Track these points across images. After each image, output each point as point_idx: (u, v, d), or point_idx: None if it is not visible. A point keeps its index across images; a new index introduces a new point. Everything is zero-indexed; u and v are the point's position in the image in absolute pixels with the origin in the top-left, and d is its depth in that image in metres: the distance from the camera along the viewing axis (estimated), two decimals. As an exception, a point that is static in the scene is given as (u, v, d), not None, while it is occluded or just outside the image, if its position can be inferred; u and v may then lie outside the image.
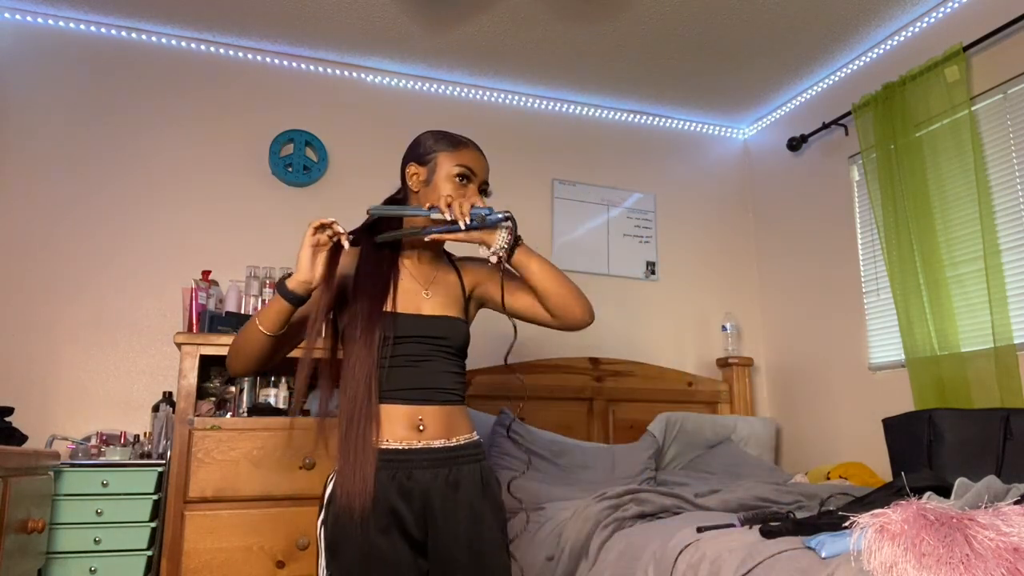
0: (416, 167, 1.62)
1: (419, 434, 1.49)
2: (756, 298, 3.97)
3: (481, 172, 1.62)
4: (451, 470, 1.50)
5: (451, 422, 1.54)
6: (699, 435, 3.30)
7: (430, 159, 1.60)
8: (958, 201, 2.78)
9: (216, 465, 2.42)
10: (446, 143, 1.61)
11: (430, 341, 1.54)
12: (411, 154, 1.65)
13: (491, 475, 1.59)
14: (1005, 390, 2.51)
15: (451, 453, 1.51)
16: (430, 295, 1.59)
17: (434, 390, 1.53)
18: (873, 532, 1.26)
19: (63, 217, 2.96)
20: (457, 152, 1.60)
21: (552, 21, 3.12)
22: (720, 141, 4.11)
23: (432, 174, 1.59)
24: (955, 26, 2.91)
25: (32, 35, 3.04)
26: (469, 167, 1.59)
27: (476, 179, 1.61)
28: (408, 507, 1.45)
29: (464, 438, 1.56)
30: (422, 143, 1.64)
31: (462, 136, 1.65)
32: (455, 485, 1.50)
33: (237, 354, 1.53)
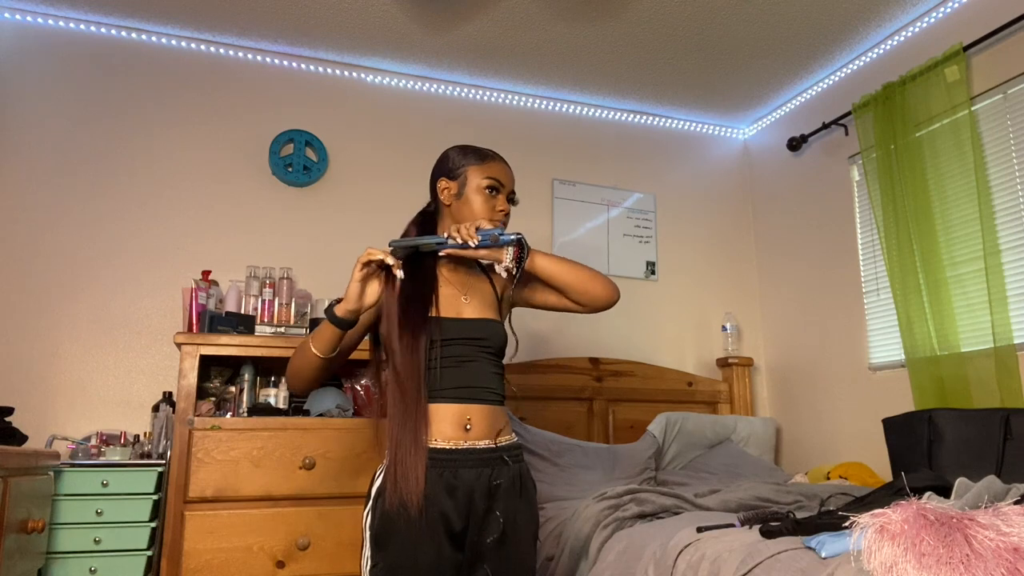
0: (447, 182, 1.70)
1: (466, 434, 1.55)
2: (756, 298, 3.97)
3: (508, 182, 1.72)
4: (493, 470, 1.56)
5: (495, 422, 1.60)
6: (699, 435, 3.30)
7: (459, 173, 1.69)
8: (958, 201, 2.78)
9: (216, 465, 2.42)
10: (474, 157, 1.70)
11: (473, 343, 1.61)
12: (440, 169, 1.73)
13: (529, 478, 1.65)
14: (1005, 390, 2.51)
15: (494, 454, 1.57)
16: (468, 300, 1.66)
17: (480, 389, 1.59)
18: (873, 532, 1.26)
19: (63, 217, 2.96)
20: (485, 165, 1.69)
21: (552, 21, 3.12)
22: (720, 141, 4.11)
23: (463, 187, 1.68)
24: (955, 26, 2.91)
25: (32, 35, 3.04)
26: (497, 179, 1.69)
27: (504, 189, 1.70)
28: (453, 504, 1.51)
29: (506, 440, 1.62)
30: (450, 158, 1.72)
31: (488, 149, 1.74)
32: (496, 486, 1.55)
33: (296, 376, 1.62)
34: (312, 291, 3.10)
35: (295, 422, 2.55)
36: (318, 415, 2.67)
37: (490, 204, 1.68)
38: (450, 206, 1.70)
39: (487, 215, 1.67)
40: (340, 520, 2.50)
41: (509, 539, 1.55)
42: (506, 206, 1.71)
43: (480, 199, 1.67)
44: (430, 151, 3.50)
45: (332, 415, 2.66)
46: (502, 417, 1.63)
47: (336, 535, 2.49)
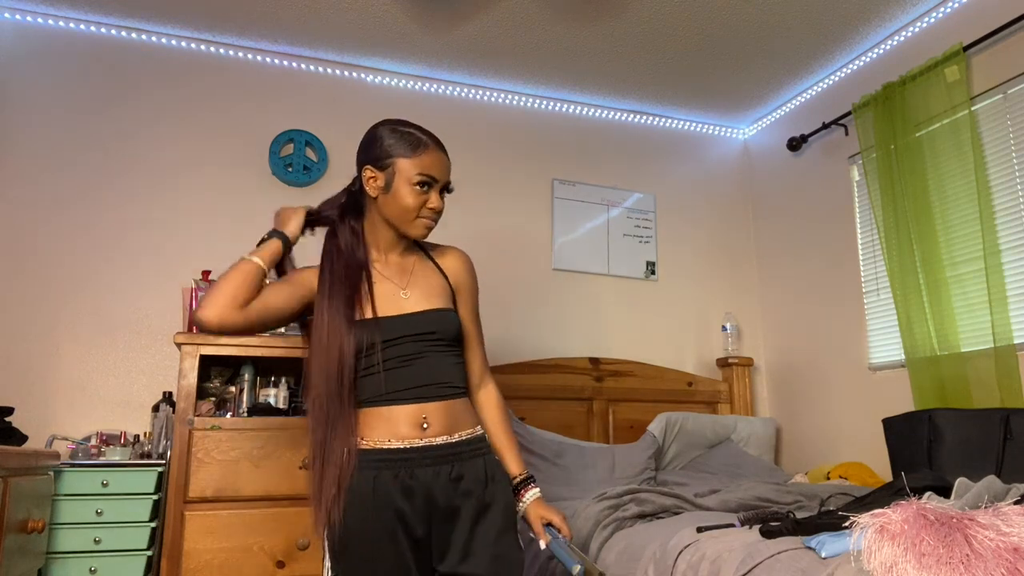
0: (373, 171, 1.57)
1: (422, 432, 1.49)
2: (756, 298, 3.97)
3: (442, 175, 1.58)
4: (453, 466, 1.49)
5: (454, 417, 1.53)
6: (699, 435, 3.30)
7: (388, 164, 1.55)
8: (958, 201, 2.78)
9: (216, 465, 2.42)
10: (405, 145, 1.56)
11: (419, 338, 1.53)
12: (368, 153, 1.59)
13: (497, 468, 1.57)
14: (1005, 390, 2.51)
15: (453, 449, 1.51)
16: (408, 293, 1.58)
17: (434, 385, 1.52)
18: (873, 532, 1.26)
19: (63, 217, 2.96)
20: (416, 157, 1.55)
21: (552, 21, 3.12)
22: (720, 141, 4.11)
23: (391, 180, 1.55)
24: (955, 26, 2.91)
25: (32, 35, 3.04)
26: (429, 174, 1.55)
27: (438, 184, 1.57)
28: (411, 505, 1.45)
29: (467, 433, 1.54)
30: (378, 143, 1.58)
31: (419, 132, 1.59)
32: (457, 480, 1.49)
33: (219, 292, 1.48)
34: (312, 291, 3.10)
35: (295, 422, 2.55)
36: (318, 415, 2.66)
37: (420, 200, 1.55)
38: (376, 198, 1.58)
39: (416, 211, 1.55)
40: (340, 520, 2.49)
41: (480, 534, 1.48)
42: (438, 203, 1.57)
43: (411, 195, 1.54)
44: (430, 151, 3.51)
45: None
46: (463, 410, 1.56)
47: (336, 535, 2.48)
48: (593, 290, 3.68)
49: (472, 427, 1.57)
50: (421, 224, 1.57)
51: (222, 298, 1.48)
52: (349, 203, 1.65)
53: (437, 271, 1.66)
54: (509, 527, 1.53)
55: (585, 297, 3.65)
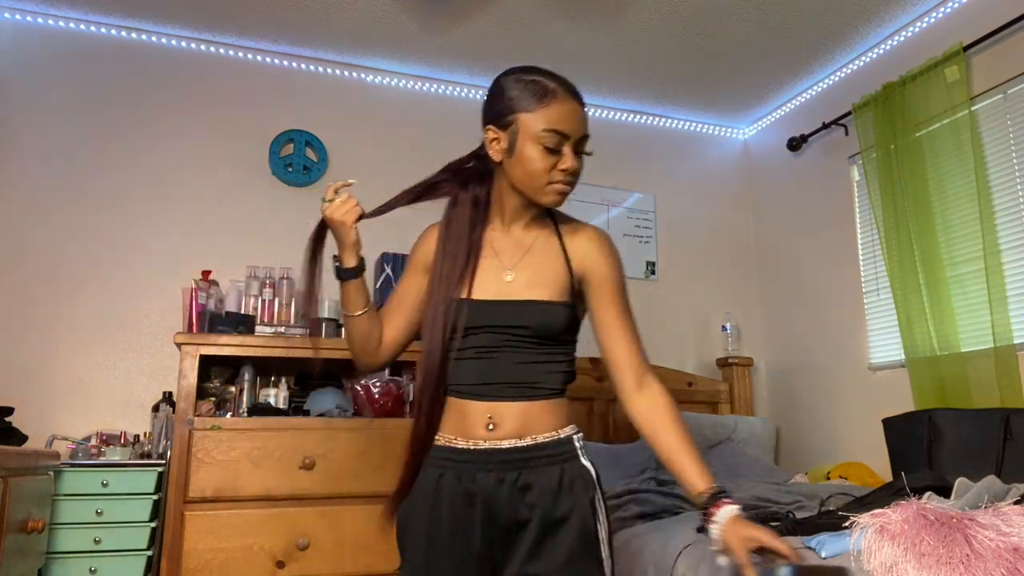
0: (495, 131, 1.34)
1: (488, 433, 1.32)
2: (756, 298, 3.97)
3: (574, 128, 1.31)
4: (520, 473, 1.29)
5: (527, 420, 1.32)
6: (699, 435, 3.29)
7: (510, 121, 1.31)
8: (958, 201, 2.77)
9: (216, 465, 2.42)
10: (530, 96, 1.30)
11: (504, 330, 1.33)
12: (490, 111, 1.36)
13: (579, 476, 1.33)
14: (1005, 390, 2.51)
15: (522, 454, 1.30)
16: (513, 276, 1.36)
17: (508, 384, 1.33)
18: (873, 532, 1.26)
19: (63, 217, 2.95)
20: (542, 110, 1.29)
21: (552, 21, 3.12)
22: (720, 141, 4.11)
23: (514, 141, 1.30)
24: (955, 26, 2.90)
25: (32, 35, 3.04)
26: (558, 129, 1.29)
27: (569, 140, 1.30)
28: (471, 514, 1.30)
29: (543, 437, 1.32)
30: (502, 94, 1.34)
31: (546, 79, 1.33)
32: (524, 489, 1.29)
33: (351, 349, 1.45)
34: (312, 291, 3.09)
35: (295, 422, 2.55)
36: (318, 415, 2.67)
37: (550, 162, 1.29)
38: (501, 163, 1.35)
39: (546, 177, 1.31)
40: (340, 520, 2.50)
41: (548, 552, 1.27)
42: (572, 163, 1.31)
43: (538, 156, 1.29)
44: (430, 151, 3.48)
45: (332, 415, 2.66)
46: (542, 413, 1.34)
47: (336, 535, 2.48)
48: (593, 290, 3.67)
49: (552, 430, 1.34)
50: (552, 191, 1.33)
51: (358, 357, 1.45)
52: (475, 168, 1.43)
53: (560, 254, 1.39)
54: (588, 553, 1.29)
55: (585, 297, 3.64)
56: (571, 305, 1.37)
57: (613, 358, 1.38)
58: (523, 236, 1.40)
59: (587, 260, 1.39)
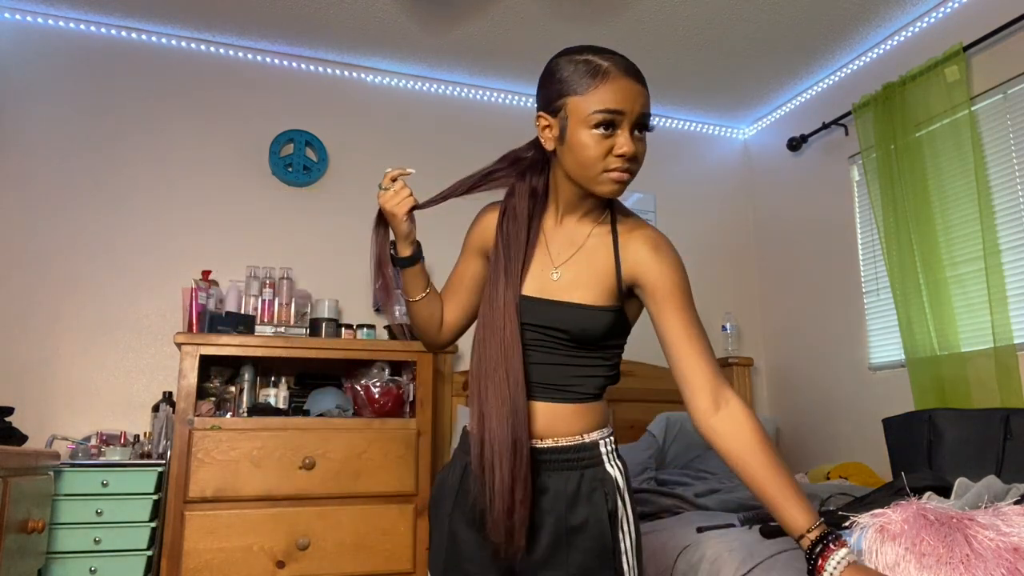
0: (547, 118, 1.25)
1: None
2: (756, 298, 3.97)
3: (630, 105, 1.18)
4: (539, 476, 1.24)
5: (552, 421, 1.27)
6: (699, 435, 3.29)
7: (560, 106, 1.22)
8: (958, 201, 2.77)
9: (216, 465, 2.42)
10: (579, 79, 1.19)
11: (542, 330, 1.27)
12: (540, 96, 1.27)
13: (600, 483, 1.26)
14: (1005, 390, 2.51)
15: (541, 456, 1.25)
16: (560, 274, 1.28)
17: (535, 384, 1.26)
18: (873, 532, 1.26)
19: (63, 217, 2.96)
20: (593, 91, 1.18)
21: (552, 21, 3.12)
22: (720, 141, 4.11)
23: (565, 127, 1.21)
24: (955, 26, 2.91)
25: (32, 35, 3.04)
26: (610, 108, 1.17)
27: (624, 119, 1.19)
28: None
29: (566, 439, 1.26)
30: (552, 76, 1.24)
31: (599, 57, 1.21)
32: (540, 493, 1.24)
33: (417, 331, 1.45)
34: (312, 291, 3.10)
35: (295, 422, 2.55)
36: (318, 415, 2.67)
37: (604, 147, 1.19)
38: (555, 152, 1.25)
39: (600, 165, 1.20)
40: (340, 520, 2.50)
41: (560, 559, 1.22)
42: (629, 146, 1.19)
43: (590, 142, 1.18)
44: (430, 151, 3.51)
45: (332, 415, 2.66)
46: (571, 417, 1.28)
47: (336, 535, 2.48)
48: (593, 290, 3.67)
49: (577, 434, 1.28)
50: (608, 179, 1.21)
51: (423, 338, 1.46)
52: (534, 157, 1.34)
53: (611, 255, 1.29)
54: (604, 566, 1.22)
55: (585, 297, 3.64)
56: (616, 310, 1.27)
57: (682, 375, 1.24)
58: (576, 231, 1.31)
59: (640, 266, 1.26)
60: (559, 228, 1.32)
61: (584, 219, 1.31)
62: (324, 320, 2.86)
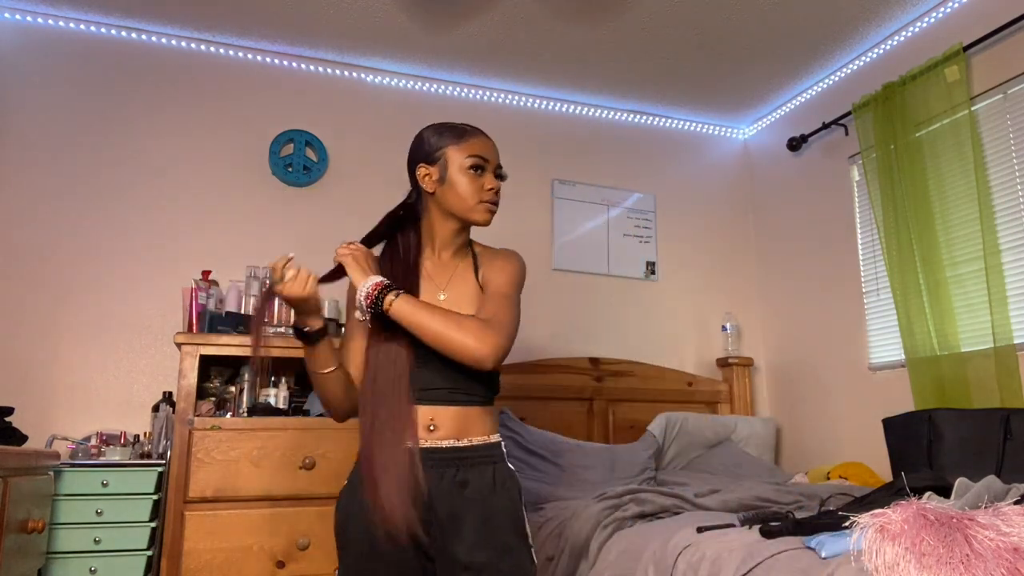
0: (427, 168, 1.58)
1: (429, 434, 1.48)
2: (756, 298, 3.97)
3: (493, 156, 1.59)
4: (459, 470, 1.47)
5: (465, 423, 1.50)
6: (699, 435, 3.30)
7: (438, 156, 1.57)
8: (958, 201, 2.78)
9: (216, 465, 2.42)
10: (451, 136, 1.57)
11: None
12: (418, 154, 1.60)
13: (507, 477, 1.52)
14: (1005, 390, 2.51)
15: (460, 453, 1.48)
16: (446, 296, 1.56)
17: (445, 390, 1.49)
18: (873, 532, 1.26)
19: (63, 217, 2.96)
20: (466, 143, 1.57)
21: (552, 21, 3.12)
22: (720, 141, 4.11)
23: (445, 171, 1.56)
24: (955, 26, 2.91)
25: (32, 35, 3.04)
26: (481, 155, 1.56)
27: (490, 165, 1.58)
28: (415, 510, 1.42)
29: (478, 439, 1.51)
30: (426, 140, 1.59)
31: (464, 124, 1.62)
32: (462, 485, 1.46)
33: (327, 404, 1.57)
34: (312, 291, 3.10)
35: (295, 422, 2.55)
36: (318, 415, 2.67)
37: (477, 184, 1.56)
38: (434, 193, 1.58)
39: (476, 196, 1.55)
40: (340, 520, 2.49)
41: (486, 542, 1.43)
42: (495, 183, 1.58)
43: (466, 180, 1.55)
44: (430, 151, 3.51)
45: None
46: (478, 417, 1.52)
47: (336, 535, 2.48)
48: (593, 290, 3.68)
49: (486, 434, 1.53)
50: (483, 208, 1.56)
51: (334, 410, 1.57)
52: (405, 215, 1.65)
53: (473, 273, 1.61)
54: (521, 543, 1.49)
55: (585, 297, 3.65)
56: None
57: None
58: (450, 261, 1.62)
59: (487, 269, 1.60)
60: (437, 261, 1.61)
61: (456, 254, 1.63)
62: (325, 320, 2.86)
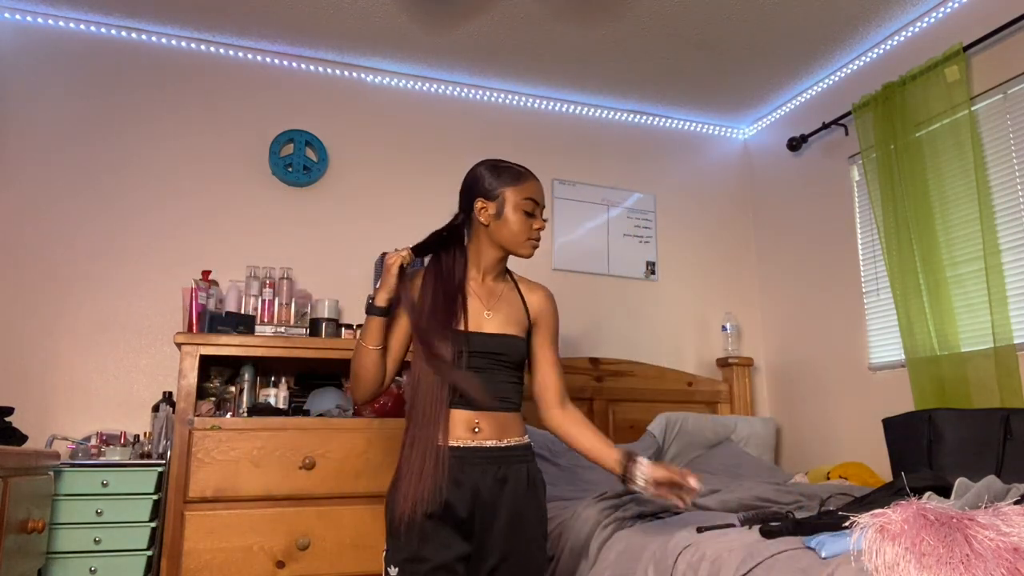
0: (484, 202, 1.76)
1: (474, 435, 1.67)
2: (756, 298, 3.97)
3: (542, 200, 1.79)
4: (500, 467, 1.67)
5: (505, 426, 1.71)
6: (699, 435, 3.30)
7: (497, 194, 1.75)
8: (958, 201, 2.78)
9: (216, 465, 2.42)
10: (510, 177, 1.76)
11: (491, 356, 1.72)
12: (476, 189, 1.78)
13: (538, 476, 1.74)
14: (1005, 390, 2.51)
15: (502, 453, 1.68)
16: (491, 315, 1.77)
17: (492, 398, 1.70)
18: (873, 532, 1.26)
19: (63, 217, 2.96)
20: (523, 186, 1.76)
21: (552, 21, 3.12)
22: (720, 141, 4.11)
23: (502, 208, 1.75)
24: (955, 26, 2.91)
25: (32, 35, 3.04)
26: (535, 199, 1.77)
27: (540, 208, 1.78)
28: (459, 493, 1.62)
29: (515, 440, 1.72)
30: (486, 178, 1.77)
31: (521, 167, 1.80)
32: (503, 481, 1.66)
33: (357, 379, 1.74)
34: (312, 291, 3.10)
35: (295, 422, 2.55)
36: (318, 415, 2.67)
37: (528, 224, 1.76)
38: (488, 226, 1.77)
39: (526, 234, 1.76)
40: (340, 520, 2.50)
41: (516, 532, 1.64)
42: (542, 224, 1.79)
43: (519, 220, 1.75)
44: (430, 151, 3.51)
45: (332, 415, 2.66)
46: (514, 421, 1.74)
47: (336, 535, 2.48)
48: (593, 290, 3.68)
49: (520, 436, 1.74)
50: (529, 245, 1.77)
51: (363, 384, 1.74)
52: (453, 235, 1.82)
53: (520, 302, 1.83)
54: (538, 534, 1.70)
55: (585, 297, 3.65)
56: (527, 339, 1.82)
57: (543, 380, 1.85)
58: (494, 286, 1.82)
59: (540, 310, 1.85)
60: (481, 284, 1.80)
61: (498, 278, 1.84)
62: (324, 320, 2.86)
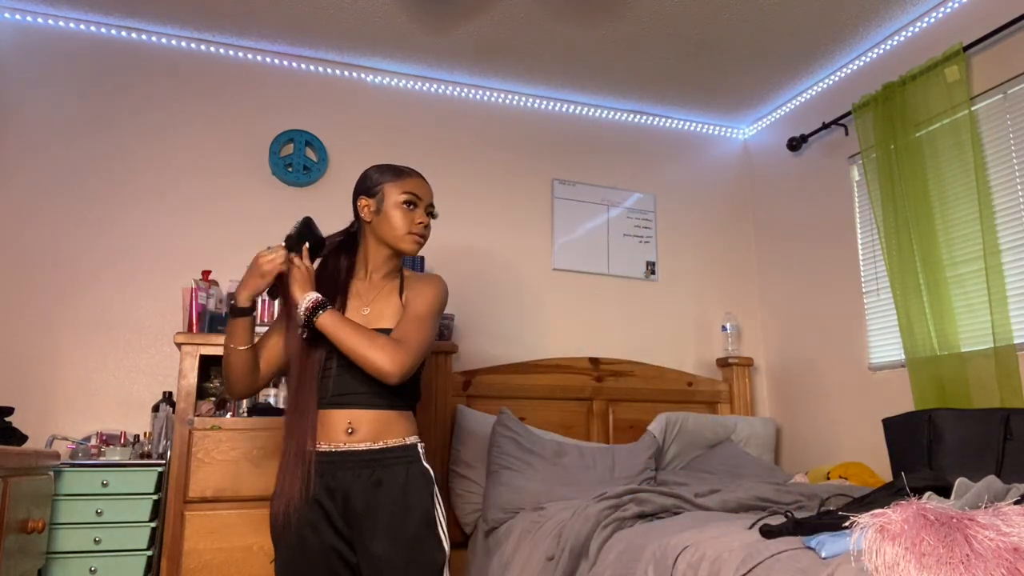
0: (366, 199, 1.80)
1: (348, 437, 1.65)
2: (756, 298, 3.97)
3: (426, 196, 1.80)
4: (373, 471, 1.64)
5: (382, 426, 1.67)
6: (699, 435, 3.30)
7: (377, 190, 1.79)
8: (958, 201, 2.78)
9: (216, 465, 2.42)
10: (390, 174, 1.79)
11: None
12: (360, 188, 1.82)
13: (420, 476, 1.68)
14: (1005, 390, 2.51)
15: (376, 455, 1.65)
16: (368, 311, 1.76)
17: (364, 394, 1.66)
18: (873, 532, 1.26)
19: (63, 217, 2.96)
20: (401, 181, 1.78)
21: (552, 21, 3.12)
22: (720, 141, 4.11)
23: (381, 204, 1.77)
24: (955, 26, 2.91)
25: (32, 35, 3.04)
26: (414, 193, 1.78)
27: (422, 203, 1.79)
28: (333, 504, 1.62)
29: (394, 441, 1.68)
30: (368, 177, 1.81)
31: (405, 167, 1.83)
32: (376, 484, 1.63)
33: (229, 381, 1.72)
34: (312, 291, 3.10)
35: (295, 422, 2.55)
36: (318, 415, 2.66)
37: (408, 218, 1.76)
38: (371, 222, 1.79)
39: (407, 228, 1.76)
40: (340, 520, 2.49)
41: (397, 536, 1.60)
42: (425, 218, 1.79)
43: (399, 213, 1.76)
44: (430, 151, 3.51)
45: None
46: (395, 421, 1.69)
47: (336, 535, 2.48)
48: (593, 290, 3.68)
49: (401, 436, 1.69)
50: (411, 240, 1.77)
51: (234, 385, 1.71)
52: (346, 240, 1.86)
53: (398, 294, 1.80)
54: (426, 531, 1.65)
55: (585, 297, 3.65)
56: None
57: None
58: (379, 283, 1.81)
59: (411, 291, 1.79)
60: (367, 282, 1.80)
61: (385, 277, 1.82)
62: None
